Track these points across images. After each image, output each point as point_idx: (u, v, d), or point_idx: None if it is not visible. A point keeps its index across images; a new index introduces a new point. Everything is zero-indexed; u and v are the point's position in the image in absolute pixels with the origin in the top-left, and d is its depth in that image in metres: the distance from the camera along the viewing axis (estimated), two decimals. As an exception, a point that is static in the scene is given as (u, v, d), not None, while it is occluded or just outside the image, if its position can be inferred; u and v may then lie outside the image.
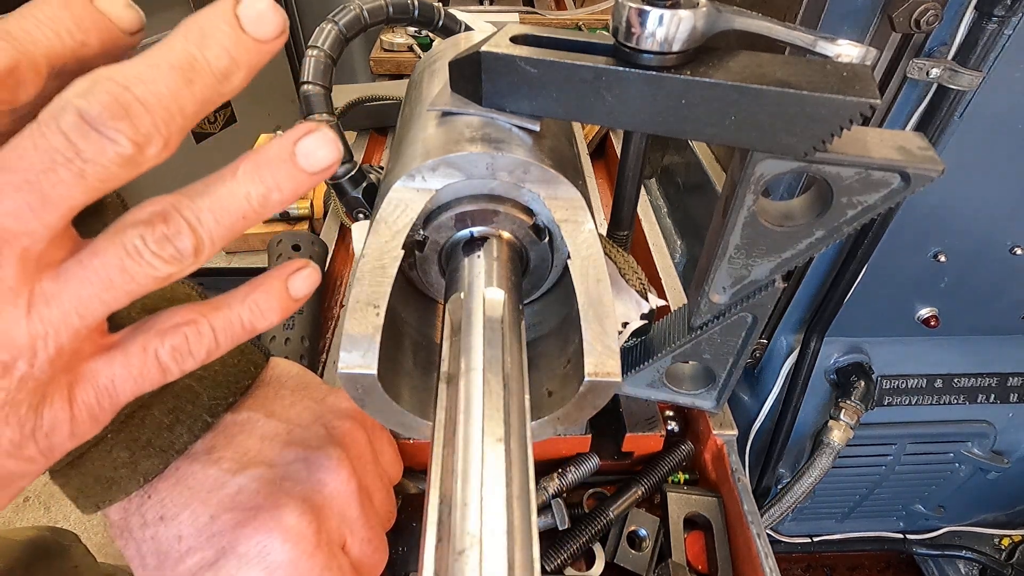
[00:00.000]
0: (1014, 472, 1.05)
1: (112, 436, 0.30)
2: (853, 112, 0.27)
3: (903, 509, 1.21)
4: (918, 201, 0.73)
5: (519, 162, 0.31)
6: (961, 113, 0.65)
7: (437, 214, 0.34)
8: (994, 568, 1.21)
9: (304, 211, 0.91)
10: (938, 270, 0.84)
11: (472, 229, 0.34)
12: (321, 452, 0.34)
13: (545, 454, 0.57)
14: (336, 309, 0.74)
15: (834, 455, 0.94)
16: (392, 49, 1.27)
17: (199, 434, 0.33)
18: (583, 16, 1.39)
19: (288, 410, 0.36)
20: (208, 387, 0.33)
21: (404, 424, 0.33)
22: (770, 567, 0.48)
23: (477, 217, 0.34)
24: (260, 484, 0.32)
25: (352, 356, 0.28)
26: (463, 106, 0.33)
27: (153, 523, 0.31)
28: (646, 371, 0.47)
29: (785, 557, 1.39)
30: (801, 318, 0.92)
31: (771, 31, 0.31)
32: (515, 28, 0.33)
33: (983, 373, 0.98)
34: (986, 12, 0.57)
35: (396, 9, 0.47)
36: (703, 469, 0.60)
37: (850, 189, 0.32)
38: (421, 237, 0.35)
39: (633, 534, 0.54)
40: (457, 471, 0.23)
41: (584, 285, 0.31)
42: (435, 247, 0.36)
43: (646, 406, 0.59)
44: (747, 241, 0.36)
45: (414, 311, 0.40)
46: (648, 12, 0.28)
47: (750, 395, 1.02)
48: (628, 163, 0.47)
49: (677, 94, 0.29)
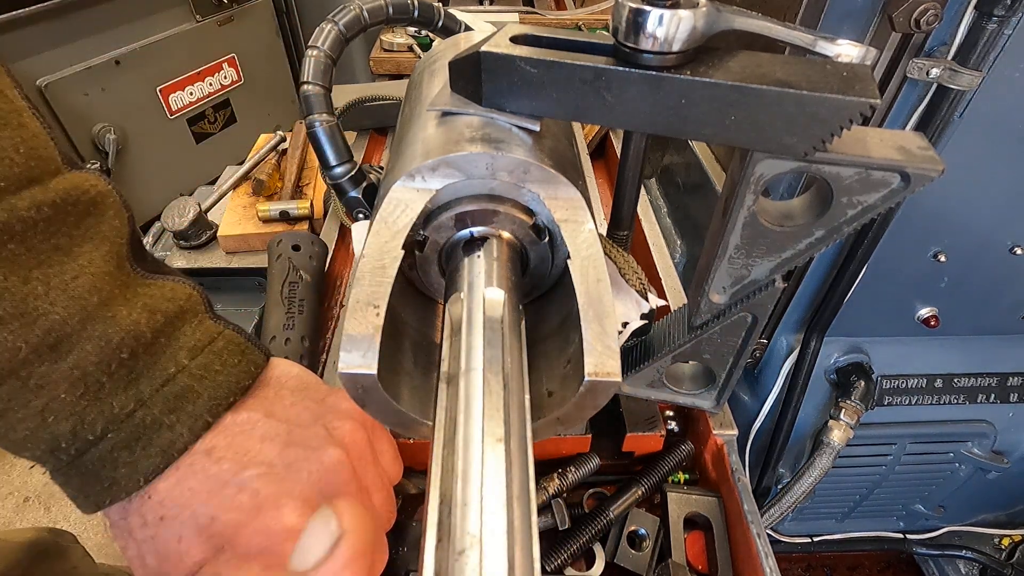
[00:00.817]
0: (1014, 472, 1.05)
1: (113, 436, 0.30)
2: (853, 112, 0.27)
3: (903, 509, 1.21)
4: (918, 201, 0.73)
5: (519, 162, 0.31)
6: (961, 113, 0.65)
7: (437, 214, 0.34)
8: (994, 568, 1.21)
9: (304, 211, 0.91)
10: (938, 270, 0.84)
11: (472, 229, 0.34)
12: (321, 452, 0.34)
13: (545, 454, 0.57)
14: (336, 309, 0.74)
15: (834, 455, 0.94)
16: (392, 49, 1.27)
17: (199, 434, 0.33)
18: (583, 16, 1.39)
19: (288, 410, 0.36)
20: (208, 387, 0.33)
21: (404, 424, 0.33)
22: (770, 567, 0.48)
23: (477, 217, 0.34)
24: (260, 484, 0.32)
25: (352, 356, 0.28)
26: (463, 106, 0.33)
27: (153, 523, 0.31)
28: (646, 371, 0.47)
29: (785, 557, 1.39)
30: (801, 318, 0.92)
31: (771, 31, 0.31)
32: (515, 28, 0.33)
33: (983, 373, 0.98)
34: (986, 12, 0.58)
35: (396, 9, 0.47)
36: (703, 469, 0.60)
37: (850, 189, 0.32)
38: (421, 237, 0.35)
39: (633, 534, 0.54)
40: (457, 471, 0.23)
41: (584, 285, 0.31)
42: (435, 247, 0.36)
43: (646, 406, 0.59)
44: (747, 241, 0.36)
45: (414, 311, 0.40)
46: (648, 12, 0.28)
47: (750, 395, 1.02)
48: (628, 163, 0.47)
49: (677, 94, 0.29)
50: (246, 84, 2.20)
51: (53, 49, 1.64)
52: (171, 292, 0.34)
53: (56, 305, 0.29)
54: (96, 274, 0.31)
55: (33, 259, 0.29)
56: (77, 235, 0.31)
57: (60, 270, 0.30)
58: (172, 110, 1.96)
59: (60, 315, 0.29)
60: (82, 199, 0.31)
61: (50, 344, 0.29)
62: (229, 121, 2.20)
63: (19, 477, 1.58)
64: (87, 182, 0.32)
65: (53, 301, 0.29)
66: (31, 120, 0.31)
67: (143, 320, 0.32)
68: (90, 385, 0.30)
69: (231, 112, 2.19)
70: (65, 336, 0.29)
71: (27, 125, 0.30)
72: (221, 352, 0.35)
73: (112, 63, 1.76)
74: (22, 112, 0.31)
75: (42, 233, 0.29)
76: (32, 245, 0.29)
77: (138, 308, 0.32)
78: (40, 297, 0.28)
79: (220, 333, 0.35)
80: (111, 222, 0.33)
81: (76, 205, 0.31)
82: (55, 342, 0.29)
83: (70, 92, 1.68)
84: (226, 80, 2.13)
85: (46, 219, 0.29)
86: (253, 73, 2.21)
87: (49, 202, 0.29)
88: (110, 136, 1.76)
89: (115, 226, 0.33)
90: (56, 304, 0.29)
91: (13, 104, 0.30)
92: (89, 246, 0.31)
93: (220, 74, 2.09)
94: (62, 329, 0.29)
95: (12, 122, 0.30)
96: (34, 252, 0.29)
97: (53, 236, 0.30)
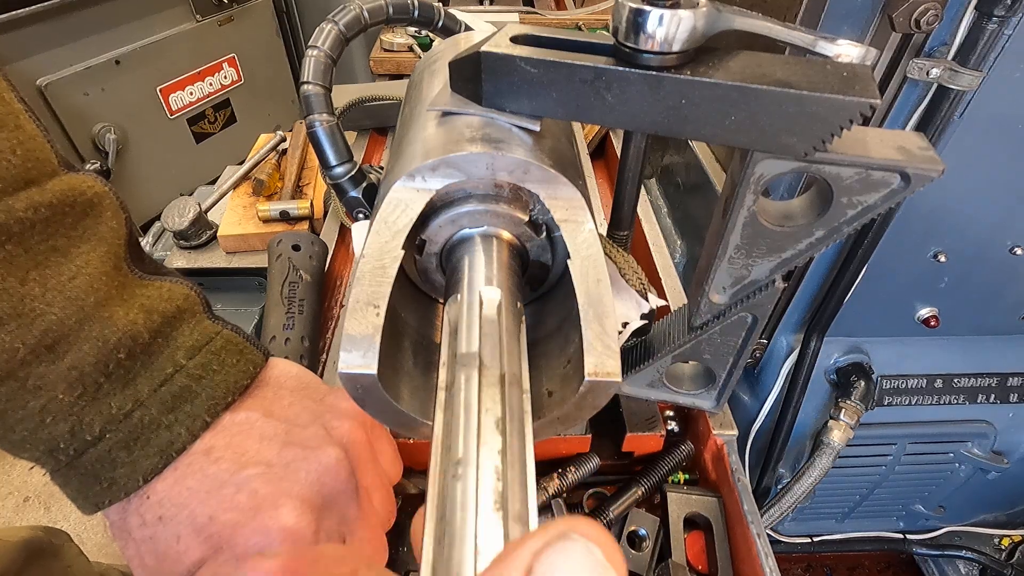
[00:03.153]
0: (1014, 472, 1.05)
1: (111, 436, 0.30)
2: (853, 112, 0.27)
3: (903, 509, 1.21)
4: (918, 201, 0.73)
5: (519, 162, 0.31)
6: (961, 113, 0.65)
7: (437, 214, 0.34)
8: (994, 568, 1.21)
9: (304, 211, 0.91)
10: (938, 270, 0.84)
11: (472, 229, 0.34)
12: (320, 452, 0.34)
13: (545, 454, 0.57)
14: (336, 309, 0.74)
15: (834, 455, 0.94)
16: (392, 49, 1.27)
17: (198, 434, 0.33)
18: (583, 16, 1.39)
19: (287, 410, 0.36)
20: (207, 387, 0.33)
21: (404, 424, 0.33)
22: (770, 567, 0.48)
23: (477, 217, 0.34)
24: (258, 484, 0.32)
25: (352, 356, 0.28)
26: (463, 106, 0.33)
27: (152, 523, 0.31)
28: (646, 371, 0.47)
29: (785, 557, 1.39)
30: (801, 318, 0.92)
31: (771, 31, 0.31)
32: (515, 28, 0.33)
33: (983, 373, 0.98)
34: (986, 12, 0.57)
35: (396, 9, 0.47)
36: (703, 469, 0.60)
37: (850, 189, 0.32)
38: (420, 242, 0.35)
39: (633, 534, 0.54)
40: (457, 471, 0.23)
41: (584, 285, 0.31)
42: (435, 247, 0.36)
43: (646, 406, 0.59)
44: (747, 241, 0.36)
45: (414, 311, 0.40)
46: (648, 12, 0.28)
47: (750, 395, 1.02)
48: (628, 163, 0.47)
49: (677, 94, 0.29)
50: (246, 84, 2.20)
51: (53, 49, 1.64)
52: (168, 292, 0.34)
53: (53, 306, 0.29)
54: (93, 275, 0.31)
55: (31, 260, 0.29)
56: (75, 236, 0.31)
57: (57, 271, 0.29)
58: (172, 110, 1.96)
59: (57, 315, 0.29)
60: (79, 200, 0.31)
61: (47, 345, 0.29)
62: (229, 121, 2.20)
63: (19, 477, 1.58)
64: (84, 183, 0.32)
65: (50, 302, 0.29)
66: (28, 123, 0.31)
67: (140, 320, 0.32)
68: (88, 386, 0.30)
69: (231, 112, 2.19)
70: (62, 337, 0.29)
71: (24, 127, 0.30)
72: (219, 352, 0.35)
73: (112, 63, 1.76)
74: (19, 115, 0.31)
75: (39, 234, 0.29)
76: (30, 246, 0.29)
77: (135, 309, 0.32)
78: (37, 298, 0.28)
79: (218, 333, 0.35)
80: (109, 223, 0.33)
81: (73, 206, 0.31)
82: (52, 343, 0.29)
83: (70, 92, 1.68)
84: (226, 80, 2.13)
85: (43, 220, 0.29)
86: (253, 73, 2.21)
87: (46, 203, 0.29)
88: (110, 136, 1.76)
89: (113, 227, 0.33)
90: (53, 305, 0.29)
91: (10, 107, 0.30)
92: (87, 247, 0.31)
93: (220, 74, 2.09)
94: (59, 330, 0.29)
95: (9, 124, 0.30)
96: (32, 253, 0.29)
97: (51, 237, 0.30)
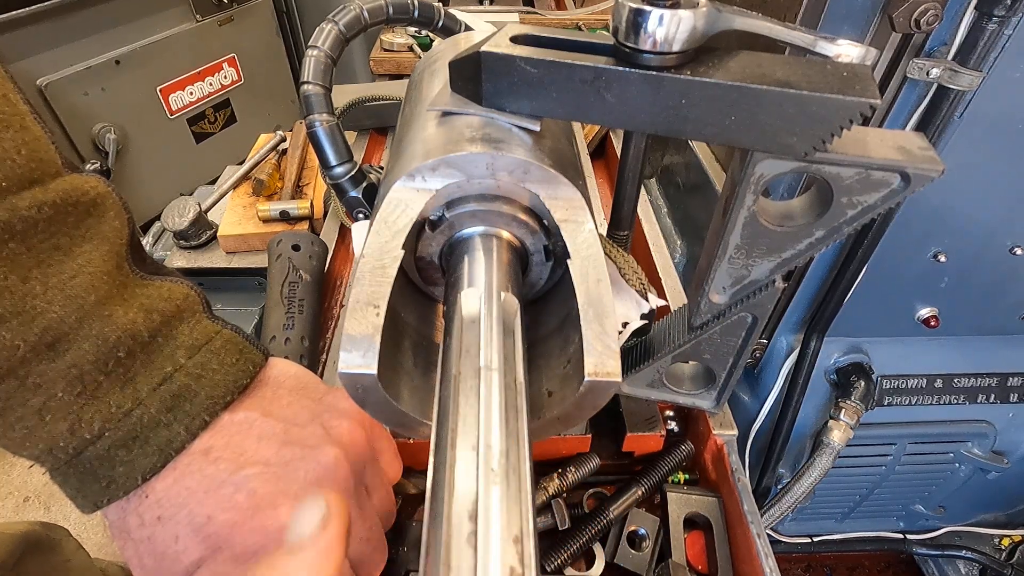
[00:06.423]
0: (1014, 472, 1.05)
1: (110, 434, 0.30)
2: (853, 112, 0.27)
3: (903, 509, 1.21)
4: (918, 201, 0.73)
5: (519, 162, 0.31)
6: (961, 113, 0.65)
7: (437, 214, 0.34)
8: (994, 568, 1.21)
9: (304, 211, 0.91)
10: (938, 270, 0.84)
11: (472, 229, 0.34)
12: (319, 451, 0.34)
13: (545, 454, 0.57)
14: (336, 309, 0.74)
15: (834, 455, 0.94)
16: (392, 49, 1.27)
17: (196, 433, 0.33)
18: (583, 16, 1.39)
19: (286, 409, 0.36)
20: (206, 386, 0.33)
21: (404, 424, 0.33)
22: (770, 567, 0.48)
23: (477, 217, 0.34)
24: (257, 484, 0.32)
25: (352, 356, 0.28)
26: (463, 106, 0.33)
27: (150, 523, 0.31)
28: (646, 371, 0.47)
29: (785, 557, 1.39)
30: (801, 318, 0.92)
31: (771, 31, 0.31)
32: (515, 28, 0.33)
33: (983, 373, 0.98)
34: (986, 12, 0.57)
35: (396, 9, 0.47)
36: (703, 469, 0.60)
37: (850, 189, 0.32)
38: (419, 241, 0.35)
39: (633, 534, 0.54)
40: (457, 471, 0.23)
41: (584, 285, 0.31)
42: (435, 247, 0.36)
43: (646, 406, 0.59)
44: (747, 241, 0.36)
45: (414, 311, 0.40)
46: (648, 12, 0.28)
47: (750, 395, 1.02)
48: (628, 163, 0.47)
49: (677, 94, 0.29)
50: (246, 84, 2.20)
51: (53, 49, 1.64)
52: (168, 292, 0.34)
53: (54, 304, 0.29)
54: (94, 273, 0.31)
55: (33, 258, 0.29)
56: (77, 235, 0.31)
57: (59, 269, 0.30)
58: (172, 110, 1.96)
59: (57, 314, 0.29)
60: (82, 200, 0.31)
61: (48, 343, 0.29)
62: (229, 121, 2.20)
63: (19, 476, 1.58)
64: (87, 184, 0.32)
65: (51, 300, 0.29)
66: (33, 124, 0.31)
67: (140, 319, 0.32)
68: (87, 384, 0.30)
69: (231, 112, 2.19)
70: (63, 335, 0.29)
71: (29, 128, 0.31)
72: (219, 351, 0.35)
73: (112, 63, 1.76)
74: (24, 116, 0.31)
75: (42, 233, 0.29)
76: (32, 244, 0.29)
77: (135, 308, 0.32)
78: (38, 296, 0.28)
79: (218, 333, 0.35)
80: (111, 223, 0.33)
81: (76, 206, 0.31)
82: (53, 341, 0.29)
83: (70, 92, 1.68)
84: (226, 80, 2.13)
85: (47, 219, 0.29)
86: (253, 73, 2.21)
87: (50, 202, 0.29)
88: (110, 136, 1.76)
89: (115, 227, 0.33)
90: (53, 303, 0.29)
91: (16, 108, 0.31)
92: (89, 246, 0.31)
93: (220, 74, 2.09)
94: (59, 328, 0.29)
95: (15, 124, 0.30)
96: (34, 251, 0.29)
97: (53, 236, 0.30)
